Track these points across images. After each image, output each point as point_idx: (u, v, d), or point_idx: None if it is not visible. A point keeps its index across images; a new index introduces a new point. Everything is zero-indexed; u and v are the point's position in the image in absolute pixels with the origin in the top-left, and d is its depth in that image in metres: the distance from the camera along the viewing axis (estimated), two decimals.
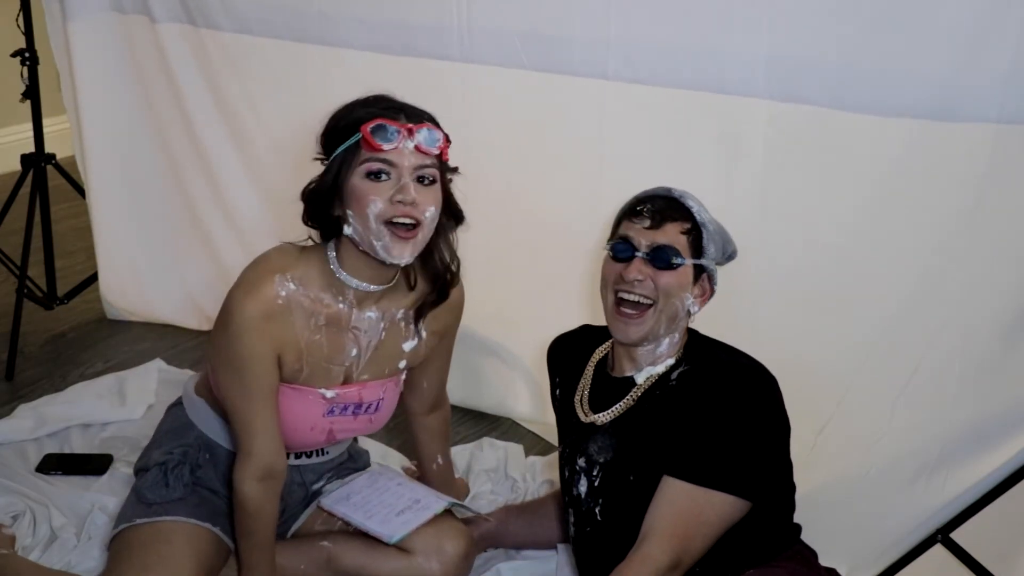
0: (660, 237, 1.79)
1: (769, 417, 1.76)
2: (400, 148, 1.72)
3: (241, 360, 1.78)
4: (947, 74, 1.88)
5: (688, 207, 1.81)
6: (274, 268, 1.80)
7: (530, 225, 2.51)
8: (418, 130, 1.74)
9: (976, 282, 1.96)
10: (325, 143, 1.79)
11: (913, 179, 1.99)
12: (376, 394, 1.96)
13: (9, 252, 3.00)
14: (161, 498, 1.93)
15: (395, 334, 1.93)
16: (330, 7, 2.57)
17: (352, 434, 2.05)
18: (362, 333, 1.88)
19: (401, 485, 2.09)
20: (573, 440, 1.92)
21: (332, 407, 1.92)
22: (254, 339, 1.76)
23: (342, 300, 1.84)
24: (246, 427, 1.82)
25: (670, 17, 2.14)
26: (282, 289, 1.79)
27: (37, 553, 2.13)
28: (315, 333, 1.83)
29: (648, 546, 1.70)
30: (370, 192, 1.72)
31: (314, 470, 2.06)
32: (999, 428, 1.98)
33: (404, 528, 1.94)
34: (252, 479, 1.82)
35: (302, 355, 1.84)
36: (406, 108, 1.78)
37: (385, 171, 1.73)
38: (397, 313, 1.92)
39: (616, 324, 1.82)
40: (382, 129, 1.71)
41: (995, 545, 1.99)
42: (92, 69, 2.93)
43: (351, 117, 1.75)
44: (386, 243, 1.74)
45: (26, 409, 2.64)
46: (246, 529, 1.87)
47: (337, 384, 1.91)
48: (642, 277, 1.78)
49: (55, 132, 3.26)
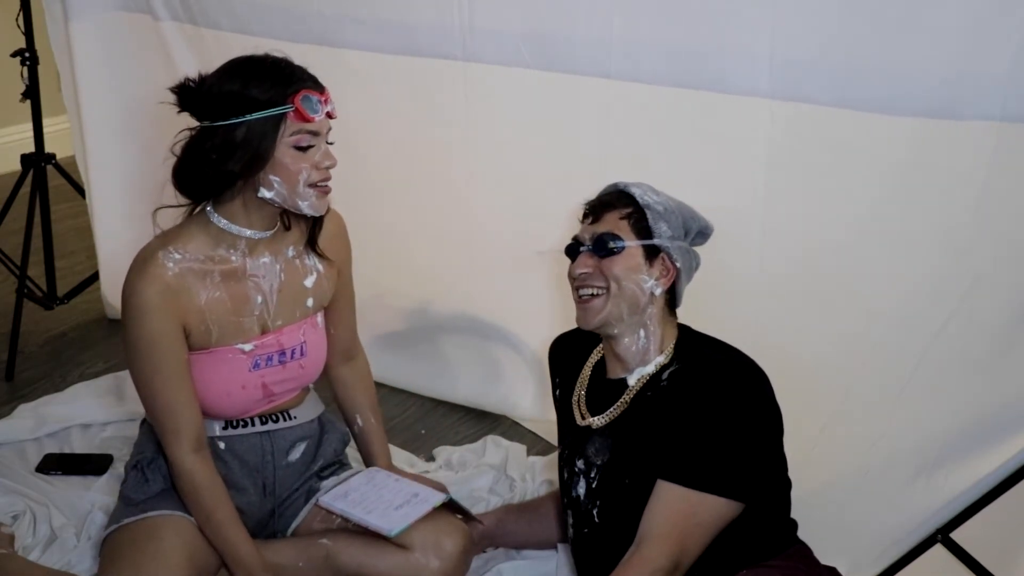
0: (599, 227, 1.83)
1: (760, 415, 1.76)
2: (321, 117, 1.80)
3: (148, 342, 1.83)
4: (950, 72, 1.88)
5: (629, 193, 1.83)
6: (155, 247, 1.85)
7: (532, 223, 2.51)
8: (329, 99, 1.82)
9: (978, 280, 1.96)
10: (213, 105, 1.79)
11: (916, 177, 1.99)
12: (296, 338, 1.97)
13: (9, 252, 3.00)
14: (144, 494, 1.94)
15: (293, 273, 1.96)
16: (330, 7, 2.57)
17: (290, 385, 2.02)
18: (261, 279, 1.92)
19: (399, 481, 2.09)
20: (572, 442, 1.92)
21: (256, 360, 1.93)
22: (155, 318, 1.81)
23: (234, 251, 1.88)
24: (168, 407, 1.86)
25: (673, 16, 2.14)
26: (168, 261, 1.83)
27: (37, 553, 2.13)
28: (214, 291, 1.87)
29: (647, 549, 1.70)
30: (301, 161, 1.79)
31: (284, 436, 2.04)
32: (999, 428, 1.98)
33: (403, 521, 1.94)
34: (188, 452, 1.86)
35: (205, 317, 1.86)
36: (309, 73, 1.84)
37: (312, 142, 1.80)
38: (288, 251, 1.95)
39: (578, 313, 1.86)
40: (308, 101, 1.78)
41: (995, 545, 1.99)
42: (94, 68, 2.93)
43: (268, 88, 1.77)
44: (312, 202, 1.83)
45: (26, 409, 2.65)
46: (206, 508, 1.89)
47: (254, 337, 1.93)
48: (589, 269, 1.82)
49: (55, 132, 3.25)
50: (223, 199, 1.86)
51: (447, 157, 2.55)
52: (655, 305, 1.83)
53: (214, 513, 1.89)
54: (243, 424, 1.99)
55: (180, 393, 1.86)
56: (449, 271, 2.71)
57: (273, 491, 2.04)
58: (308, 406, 2.09)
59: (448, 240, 2.68)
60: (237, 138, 1.77)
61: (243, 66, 1.82)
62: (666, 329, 1.86)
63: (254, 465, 2.01)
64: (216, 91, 1.79)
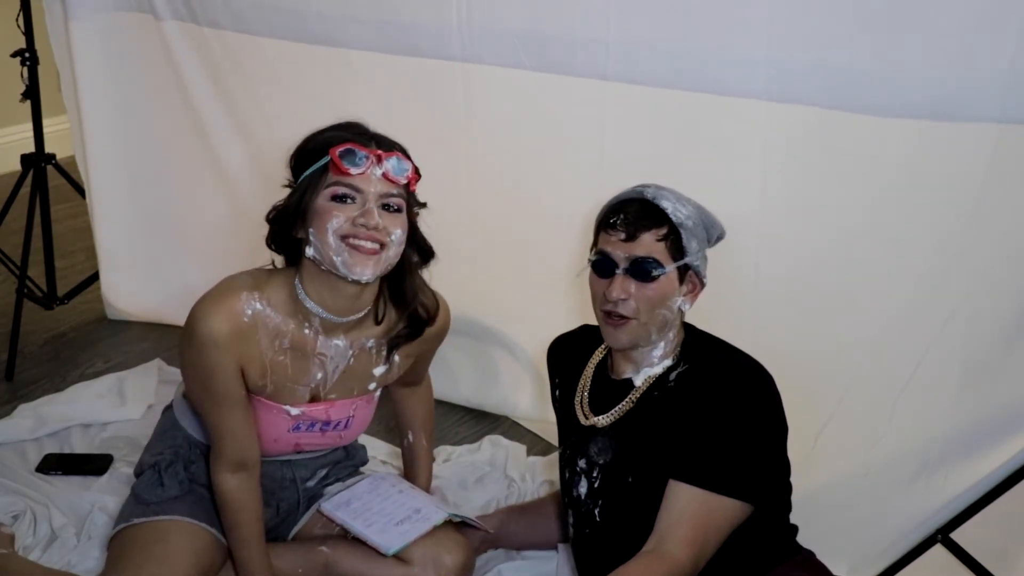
0: (637, 249, 1.76)
1: (769, 418, 1.76)
2: (367, 174, 1.72)
3: (206, 372, 1.79)
4: (948, 74, 1.88)
5: (662, 209, 1.77)
6: (242, 286, 1.80)
7: (531, 224, 2.51)
8: (387, 158, 1.73)
9: (977, 282, 1.96)
10: (294, 167, 1.80)
11: (914, 179, 1.99)
12: (345, 412, 1.96)
13: (9, 252, 3.00)
14: (157, 498, 1.93)
15: (365, 360, 1.92)
16: (330, 7, 2.56)
17: (321, 447, 2.04)
18: (328, 359, 1.88)
19: (403, 493, 2.08)
20: (574, 442, 1.92)
21: (298, 423, 1.92)
22: (218, 353, 1.77)
23: (308, 327, 1.84)
24: (215, 429, 1.86)
25: (669, 18, 2.14)
26: (248, 307, 1.78)
27: (37, 553, 2.13)
28: (279, 354, 1.83)
29: (672, 550, 1.68)
30: (334, 210, 1.72)
31: (306, 466, 2.05)
32: (999, 428, 1.98)
33: (402, 540, 1.94)
34: (226, 472, 1.86)
35: (266, 373, 1.84)
36: (378, 136, 1.78)
37: (351, 196, 1.72)
38: (367, 342, 1.90)
39: (606, 330, 1.81)
40: (350, 153, 1.71)
41: (995, 545, 1.99)
42: (94, 68, 2.93)
43: (320, 139, 1.75)
44: (345, 258, 1.72)
45: (26, 409, 2.64)
46: (230, 523, 1.89)
47: (303, 403, 1.90)
48: (625, 296, 1.76)
49: (55, 132, 3.25)
50: (301, 267, 1.81)
51: (445, 157, 2.55)
52: (680, 317, 1.84)
53: (236, 529, 1.89)
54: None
55: (227, 423, 1.83)
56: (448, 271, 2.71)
57: (288, 509, 2.06)
58: None
59: (447, 241, 2.68)
60: (292, 198, 1.77)
61: (321, 129, 1.79)
62: (677, 332, 1.86)
63: (271, 489, 2.01)
64: (291, 154, 1.79)
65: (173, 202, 3.08)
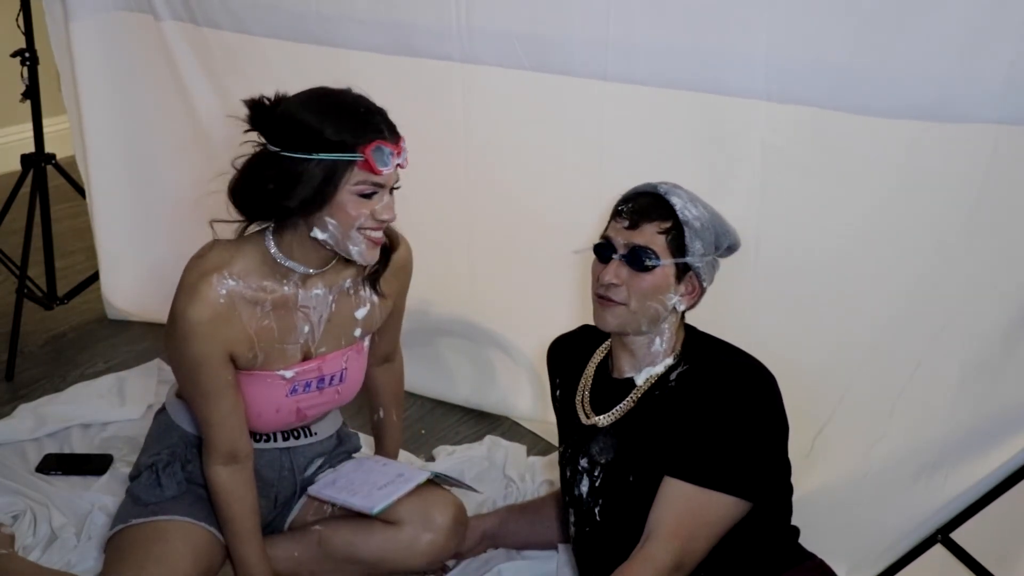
0: (637, 238, 1.78)
1: (769, 417, 1.76)
2: (391, 170, 1.76)
3: (192, 363, 1.81)
4: (947, 75, 1.87)
5: (671, 204, 1.78)
6: (211, 268, 1.80)
7: (531, 224, 2.51)
8: (403, 150, 1.78)
9: (977, 282, 1.96)
10: (284, 133, 1.73)
11: (913, 180, 1.99)
12: (337, 365, 1.97)
13: (9, 252, 3.00)
14: (156, 498, 1.94)
15: (345, 304, 1.94)
16: (329, 7, 2.57)
17: (323, 408, 2.03)
18: (311, 310, 1.90)
19: (387, 465, 2.10)
20: (575, 441, 1.92)
21: (294, 386, 1.93)
22: (202, 343, 1.78)
23: (287, 283, 1.86)
24: (205, 421, 1.87)
25: (669, 18, 2.14)
26: (222, 288, 1.79)
27: (37, 553, 2.13)
28: (263, 319, 1.85)
29: (651, 546, 1.70)
30: (360, 207, 1.75)
31: (303, 453, 2.06)
32: (999, 428, 1.98)
33: (385, 499, 1.95)
34: (218, 465, 1.88)
35: (254, 344, 1.85)
36: (383, 119, 1.78)
37: (376, 191, 1.76)
38: (344, 283, 1.93)
39: (597, 311, 1.83)
40: (380, 152, 1.73)
41: (995, 545, 1.99)
42: (94, 68, 2.93)
43: (342, 130, 1.72)
44: (362, 249, 1.79)
45: (26, 409, 2.65)
46: (225, 517, 1.90)
47: (295, 363, 1.92)
48: (617, 281, 1.77)
49: (55, 132, 3.26)
50: (278, 229, 1.83)
51: (444, 157, 2.55)
52: (674, 316, 1.84)
53: (231, 523, 1.90)
54: (265, 439, 2.00)
55: (216, 413, 1.85)
56: (448, 271, 2.71)
57: (284, 501, 2.06)
58: (329, 421, 2.11)
59: (446, 241, 2.68)
60: (301, 175, 1.72)
61: (323, 100, 1.77)
62: (676, 331, 1.86)
63: (270, 480, 2.02)
64: (290, 119, 1.74)
65: (173, 202, 3.08)
